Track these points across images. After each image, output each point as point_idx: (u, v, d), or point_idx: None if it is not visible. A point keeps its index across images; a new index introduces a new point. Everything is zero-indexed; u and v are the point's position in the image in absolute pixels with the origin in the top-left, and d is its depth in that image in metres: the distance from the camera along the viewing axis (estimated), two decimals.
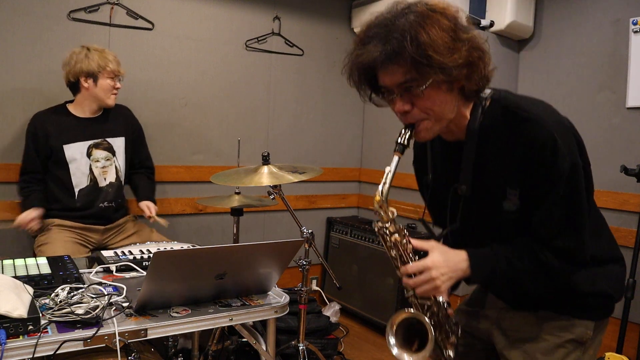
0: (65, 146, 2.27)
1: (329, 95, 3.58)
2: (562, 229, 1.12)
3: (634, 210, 2.34)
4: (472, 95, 1.15)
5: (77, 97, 2.32)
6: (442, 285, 1.15)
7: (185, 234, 3.03)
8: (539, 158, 1.08)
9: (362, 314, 3.27)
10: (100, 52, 2.26)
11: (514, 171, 1.13)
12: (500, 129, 1.14)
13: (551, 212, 1.12)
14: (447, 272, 1.15)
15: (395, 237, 1.19)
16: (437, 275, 1.14)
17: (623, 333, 2.19)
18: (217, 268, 1.37)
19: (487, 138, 1.17)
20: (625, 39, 2.41)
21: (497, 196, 1.18)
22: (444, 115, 1.13)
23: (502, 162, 1.15)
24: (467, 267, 1.16)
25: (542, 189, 1.11)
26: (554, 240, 1.13)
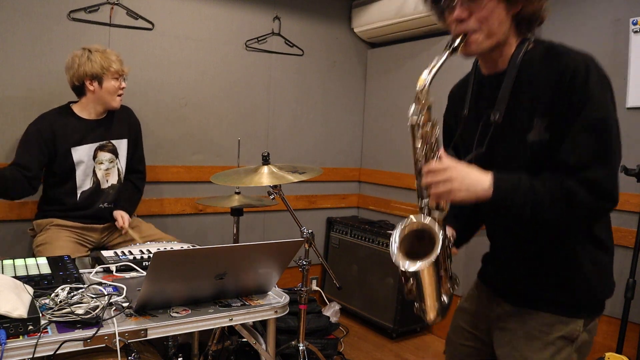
0: (74, 149, 2.25)
1: (329, 95, 3.58)
2: (590, 157, 1.09)
3: (634, 210, 2.34)
4: (524, 26, 1.20)
5: (83, 99, 2.30)
6: (458, 191, 1.12)
7: (185, 234, 3.03)
8: (570, 82, 1.10)
9: (362, 314, 3.27)
10: (102, 53, 2.24)
11: (545, 99, 1.14)
12: (540, 63, 1.18)
13: (580, 137, 1.10)
14: (467, 181, 1.13)
15: (426, 131, 1.17)
16: (457, 177, 1.12)
17: (623, 333, 2.19)
18: (217, 268, 1.37)
19: (526, 71, 1.19)
20: (625, 39, 2.41)
21: (524, 127, 1.18)
22: (495, 32, 1.17)
23: (535, 92, 1.17)
24: (488, 185, 1.12)
25: (572, 114, 1.10)
26: (582, 170, 1.09)
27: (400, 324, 3.03)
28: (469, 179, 1.13)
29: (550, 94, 1.13)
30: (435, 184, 1.14)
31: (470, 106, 1.33)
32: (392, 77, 3.52)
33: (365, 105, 3.75)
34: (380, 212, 3.59)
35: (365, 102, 3.74)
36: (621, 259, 2.38)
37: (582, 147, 1.09)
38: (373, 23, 3.40)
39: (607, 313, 2.43)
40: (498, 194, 1.12)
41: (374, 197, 3.68)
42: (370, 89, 3.72)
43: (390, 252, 1.21)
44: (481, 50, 1.20)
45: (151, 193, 2.88)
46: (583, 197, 1.08)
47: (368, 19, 3.44)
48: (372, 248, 3.22)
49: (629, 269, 2.21)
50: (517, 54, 1.20)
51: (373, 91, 3.69)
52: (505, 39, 1.20)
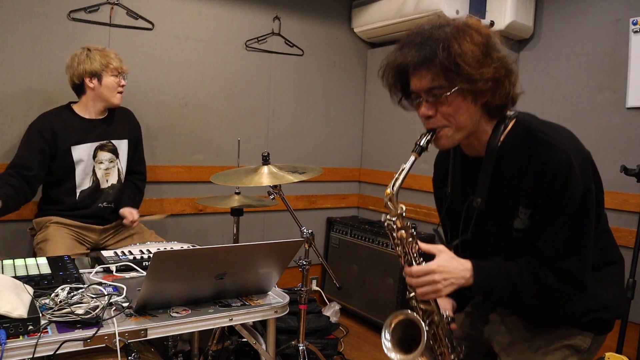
0: (73, 147, 2.25)
1: (329, 95, 3.58)
2: (565, 251, 1.14)
3: (634, 210, 2.34)
4: (496, 112, 1.20)
5: (83, 98, 2.31)
6: (444, 290, 1.17)
7: (185, 234, 3.03)
8: (553, 180, 1.12)
9: (362, 314, 3.27)
10: (101, 51, 2.26)
11: (528, 191, 1.16)
12: (520, 149, 1.18)
13: (557, 233, 1.14)
14: (450, 277, 1.17)
15: (401, 233, 1.21)
16: (440, 280, 1.17)
17: (623, 333, 2.19)
18: (217, 268, 1.37)
19: (506, 156, 1.21)
20: (625, 39, 2.41)
21: (510, 213, 1.21)
22: (464, 126, 1.18)
23: (518, 180, 1.18)
24: (470, 276, 1.18)
25: (552, 210, 1.14)
26: (556, 262, 1.15)
27: None
28: (451, 275, 1.18)
29: (533, 186, 1.15)
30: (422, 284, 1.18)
31: (455, 184, 1.36)
32: None
33: (365, 105, 3.75)
34: (380, 212, 3.59)
35: (365, 102, 3.74)
36: None
37: (560, 242, 1.14)
38: (373, 23, 3.40)
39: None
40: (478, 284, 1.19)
41: (374, 197, 3.68)
42: (370, 89, 3.72)
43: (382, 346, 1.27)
44: (453, 144, 1.22)
45: (151, 193, 2.87)
46: (555, 285, 1.15)
47: (368, 19, 3.44)
48: (372, 248, 3.22)
49: (629, 269, 2.21)
50: (493, 139, 1.21)
51: (373, 91, 3.69)
52: (477, 128, 1.21)
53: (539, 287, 1.16)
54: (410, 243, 1.21)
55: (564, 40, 2.72)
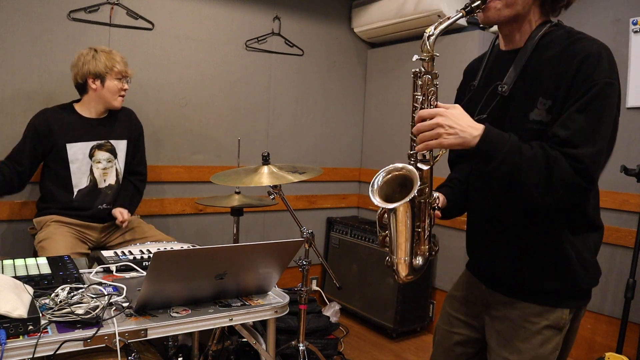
0: (69, 145, 2.27)
1: (329, 95, 3.58)
2: (580, 137, 1.10)
3: (634, 210, 2.34)
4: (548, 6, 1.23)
5: (84, 97, 2.32)
6: (445, 137, 1.12)
7: (185, 234, 3.03)
8: (580, 67, 1.11)
9: (362, 314, 3.27)
10: (108, 53, 2.27)
11: (553, 80, 1.15)
12: (557, 45, 1.19)
13: (575, 117, 1.11)
14: (455, 126, 1.12)
15: (426, 79, 1.18)
16: (444, 124, 1.12)
17: (623, 333, 2.19)
18: (217, 268, 1.37)
19: (542, 51, 1.21)
20: (625, 39, 2.41)
21: (528, 104, 1.19)
22: (515, 2, 1.19)
23: (546, 71, 1.18)
24: (478, 134, 1.12)
25: (574, 95, 1.11)
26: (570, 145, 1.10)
27: (400, 324, 3.03)
28: (458, 125, 1.13)
29: (559, 75, 1.14)
30: (424, 128, 1.14)
31: (482, 79, 1.34)
32: (392, 77, 3.52)
33: (365, 105, 3.75)
34: None
35: (365, 102, 3.74)
36: (621, 259, 2.38)
37: (576, 125, 1.11)
38: (373, 23, 3.40)
39: (607, 313, 2.45)
40: (484, 144, 1.12)
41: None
42: (370, 89, 3.72)
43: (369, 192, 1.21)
44: (499, 19, 1.22)
45: (151, 193, 2.88)
46: (564, 169, 1.09)
47: (368, 19, 3.44)
48: (372, 248, 3.22)
49: (629, 269, 2.21)
50: (536, 33, 1.22)
51: (373, 91, 3.69)
52: (525, 14, 1.22)
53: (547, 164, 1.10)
54: (431, 93, 1.18)
55: None
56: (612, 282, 2.41)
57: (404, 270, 1.26)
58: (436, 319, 3.13)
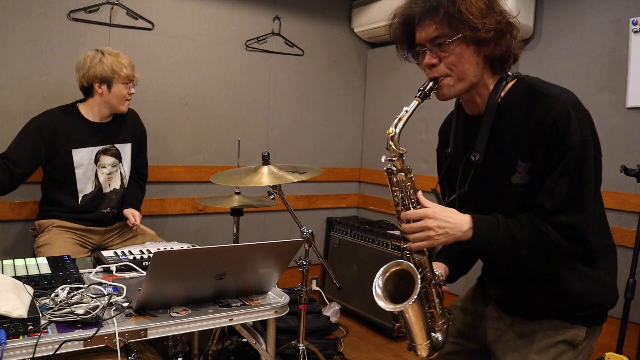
0: (74, 151, 2.22)
1: (329, 95, 3.58)
2: (566, 203, 1.12)
3: (634, 210, 2.34)
4: (498, 66, 1.22)
5: (90, 100, 2.26)
6: (437, 238, 1.15)
7: (185, 234, 3.03)
8: (551, 129, 1.12)
9: (362, 314, 3.27)
10: (115, 57, 2.20)
11: (527, 144, 1.16)
12: (520, 104, 1.19)
13: (556, 185, 1.12)
14: (445, 226, 1.15)
15: (401, 176, 1.21)
16: (434, 226, 1.15)
17: (623, 333, 2.19)
18: (217, 268, 1.37)
19: (506, 111, 1.21)
20: (625, 39, 2.41)
21: (508, 168, 1.20)
22: (466, 76, 1.20)
23: (517, 134, 1.18)
24: (468, 228, 1.16)
25: (551, 161, 1.12)
26: (558, 215, 1.12)
27: None
28: (447, 223, 1.16)
29: (532, 139, 1.15)
30: (413, 232, 1.17)
31: (457, 144, 1.36)
32: (392, 77, 3.52)
33: (365, 105, 3.75)
34: (380, 212, 3.59)
35: (365, 102, 3.74)
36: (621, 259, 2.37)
37: (560, 193, 1.12)
38: (373, 23, 3.40)
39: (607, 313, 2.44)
40: (477, 237, 1.16)
41: (374, 197, 3.68)
42: (370, 89, 3.72)
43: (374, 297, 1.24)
44: (455, 94, 1.23)
45: (151, 193, 2.88)
46: (558, 241, 1.12)
47: (368, 19, 3.44)
48: (372, 248, 3.22)
49: (629, 269, 2.21)
50: (494, 95, 1.23)
51: (373, 91, 3.69)
52: (478, 81, 1.22)
53: (540, 242, 1.13)
54: (409, 187, 1.20)
55: (563, 40, 2.72)
56: None
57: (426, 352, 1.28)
58: None
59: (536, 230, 1.13)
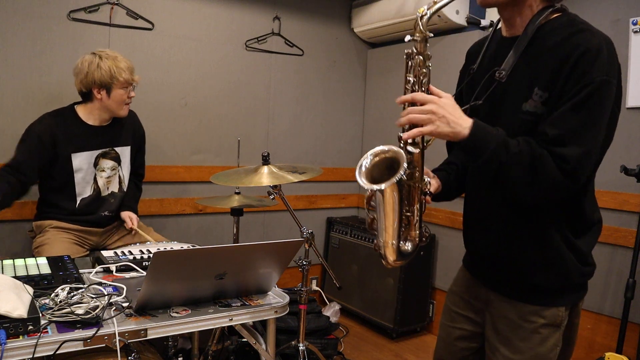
0: (74, 155, 2.20)
1: (329, 95, 3.58)
2: (569, 137, 1.08)
3: (634, 210, 2.34)
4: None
5: (89, 104, 2.24)
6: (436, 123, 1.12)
7: (185, 234, 3.03)
8: (578, 61, 1.08)
9: (362, 314, 3.27)
10: (113, 61, 2.16)
11: (552, 72, 1.13)
12: (558, 33, 1.15)
13: (567, 115, 1.09)
14: (448, 116, 1.12)
15: (419, 60, 1.18)
16: (437, 111, 1.12)
17: (623, 333, 2.19)
18: (217, 268, 1.38)
19: (542, 37, 1.18)
20: (625, 39, 2.41)
21: (524, 94, 1.17)
22: None
23: (544, 61, 1.15)
24: (467, 126, 1.12)
25: (568, 92, 1.09)
26: (559, 146, 1.09)
27: (400, 324, 3.03)
28: (451, 115, 1.13)
29: (557, 67, 1.12)
30: (416, 112, 1.14)
31: (482, 63, 1.33)
32: (392, 77, 3.52)
33: (365, 105, 3.75)
34: None
35: (365, 102, 3.74)
36: (621, 259, 2.38)
37: (567, 124, 1.09)
38: (373, 23, 3.40)
39: (607, 313, 2.45)
40: (473, 138, 1.12)
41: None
42: (370, 89, 3.72)
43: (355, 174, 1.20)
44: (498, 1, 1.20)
45: (151, 193, 2.88)
46: (550, 168, 1.09)
47: (368, 19, 3.44)
48: (372, 248, 3.21)
49: (629, 269, 2.21)
50: (536, 19, 1.19)
51: (373, 91, 3.69)
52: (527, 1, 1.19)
53: (533, 164, 1.10)
54: (423, 75, 1.17)
55: None
56: (612, 282, 2.41)
57: (391, 254, 1.25)
58: (436, 318, 3.13)
59: (532, 152, 1.10)
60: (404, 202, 1.22)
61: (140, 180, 2.57)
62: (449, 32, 3.05)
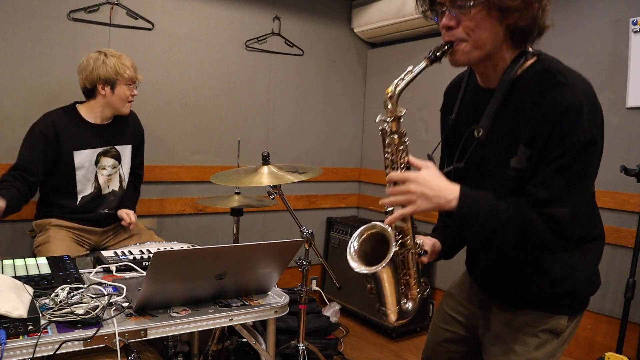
0: (76, 152, 2.21)
1: (329, 95, 3.58)
2: (558, 198, 1.09)
3: (634, 210, 2.34)
4: (519, 39, 1.14)
5: (91, 102, 2.25)
6: (417, 202, 1.12)
7: (185, 234, 3.03)
8: (560, 121, 1.06)
9: (362, 314, 3.27)
10: (118, 58, 2.20)
11: (533, 129, 1.11)
12: (534, 86, 1.13)
13: (554, 177, 1.09)
14: (428, 192, 1.12)
15: (394, 138, 1.18)
16: (415, 190, 1.12)
17: (623, 333, 2.19)
18: (217, 268, 1.37)
19: (518, 91, 1.15)
20: (625, 39, 2.41)
21: (509, 150, 1.16)
22: (483, 44, 1.12)
23: (525, 117, 1.13)
24: (454, 198, 1.12)
25: (553, 153, 1.08)
26: (549, 207, 1.09)
27: None
28: (431, 190, 1.12)
29: (538, 125, 1.10)
30: (395, 194, 1.15)
31: (462, 112, 1.32)
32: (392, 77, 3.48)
33: (365, 105, 3.75)
34: (381, 212, 3.59)
35: (365, 102, 3.74)
36: (621, 259, 2.38)
37: (555, 186, 1.09)
38: (373, 23, 3.40)
39: (607, 313, 2.45)
40: (460, 210, 1.12)
41: (374, 197, 3.68)
42: (370, 89, 3.72)
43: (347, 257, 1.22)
44: (469, 61, 1.16)
45: (151, 193, 2.88)
46: (540, 231, 1.09)
47: (368, 19, 3.44)
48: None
49: (629, 269, 2.21)
50: (509, 71, 1.15)
51: (373, 91, 3.69)
52: (496, 52, 1.15)
53: (524, 229, 1.09)
54: (400, 151, 1.17)
55: (563, 40, 2.72)
56: (612, 282, 2.41)
57: (393, 316, 1.29)
58: None
59: (522, 216, 1.10)
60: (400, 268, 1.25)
61: (138, 181, 2.57)
62: None
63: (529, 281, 1.24)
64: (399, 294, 1.26)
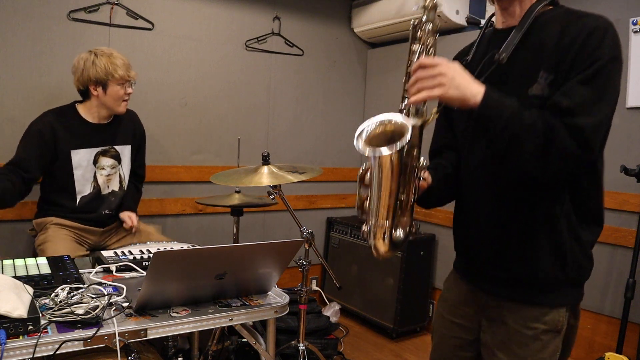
0: (73, 152, 2.21)
1: (329, 95, 3.58)
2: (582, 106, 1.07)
3: (634, 210, 2.34)
4: None
5: (87, 102, 2.25)
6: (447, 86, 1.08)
7: (185, 234, 3.03)
8: (585, 42, 1.08)
9: (362, 314, 3.27)
10: (108, 57, 2.17)
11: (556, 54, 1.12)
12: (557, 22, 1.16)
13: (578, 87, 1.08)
14: (459, 79, 1.09)
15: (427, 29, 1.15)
16: (447, 73, 1.08)
17: (623, 333, 2.19)
18: (217, 268, 1.38)
19: (540, 27, 1.18)
20: (625, 39, 2.41)
21: (528, 79, 1.15)
22: None
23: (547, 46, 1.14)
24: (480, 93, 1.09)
25: (578, 68, 1.09)
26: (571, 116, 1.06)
27: (400, 324, 3.03)
28: (461, 79, 1.09)
29: (563, 49, 1.11)
30: (424, 78, 1.10)
31: (478, 51, 1.32)
32: (392, 77, 3.52)
33: (365, 105, 3.75)
34: None
35: (365, 102, 3.74)
36: (621, 259, 2.38)
37: (578, 96, 1.08)
38: (373, 23, 3.40)
39: (607, 313, 2.45)
40: (485, 105, 1.09)
41: None
42: (370, 89, 3.72)
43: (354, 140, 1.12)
44: None
45: (151, 193, 2.88)
46: (563, 138, 1.06)
47: (368, 19, 3.44)
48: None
49: (629, 269, 2.21)
50: (535, 7, 1.19)
51: (373, 91, 3.69)
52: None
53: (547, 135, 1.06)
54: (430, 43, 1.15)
55: None
56: (612, 282, 2.41)
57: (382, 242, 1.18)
58: None
59: (546, 122, 1.07)
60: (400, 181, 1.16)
61: (140, 181, 2.57)
62: (449, 32, 3.05)
63: (523, 253, 1.21)
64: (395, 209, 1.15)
